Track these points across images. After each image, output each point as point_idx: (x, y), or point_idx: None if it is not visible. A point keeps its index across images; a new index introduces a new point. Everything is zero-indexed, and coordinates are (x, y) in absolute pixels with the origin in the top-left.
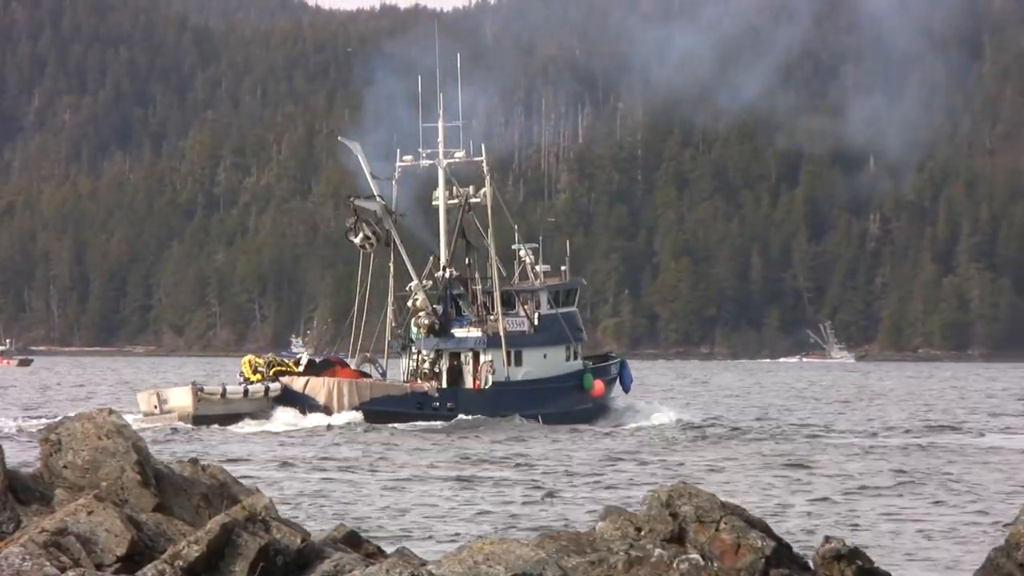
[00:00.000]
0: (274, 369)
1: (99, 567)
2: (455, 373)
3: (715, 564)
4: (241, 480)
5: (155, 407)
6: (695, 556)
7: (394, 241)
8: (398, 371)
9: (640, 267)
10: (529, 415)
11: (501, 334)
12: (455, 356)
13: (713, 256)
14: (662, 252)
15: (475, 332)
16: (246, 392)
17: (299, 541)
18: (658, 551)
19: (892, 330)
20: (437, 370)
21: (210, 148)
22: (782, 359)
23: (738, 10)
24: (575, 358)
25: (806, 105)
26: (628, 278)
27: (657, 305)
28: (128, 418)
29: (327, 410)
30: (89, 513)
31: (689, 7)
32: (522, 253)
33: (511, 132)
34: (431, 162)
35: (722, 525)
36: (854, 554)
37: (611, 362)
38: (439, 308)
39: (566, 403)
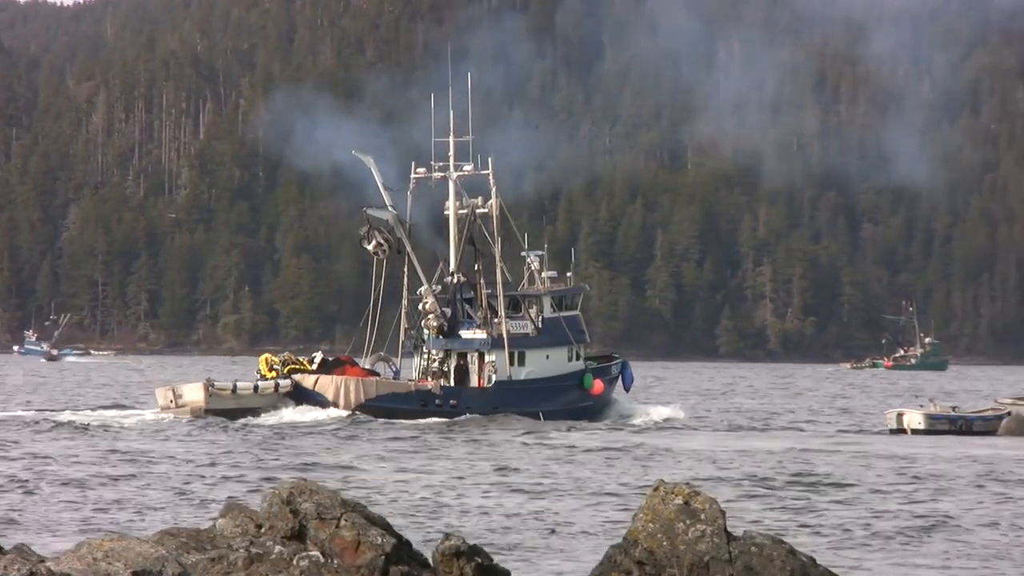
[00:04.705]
0: (288, 367)
1: None
2: (462, 372)
3: (335, 561)
4: None
5: (171, 401)
6: (315, 553)
7: (406, 248)
8: (412, 370)
9: (261, 264)
10: (529, 412)
11: (504, 336)
12: (462, 356)
13: (335, 253)
14: (283, 249)
15: (480, 334)
16: (256, 388)
17: None
18: (278, 548)
19: None
20: (446, 369)
21: None
22: None
23: None
24: (577, 359)
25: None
26: (249, 275)
27: (278, 302)
28: (147, 412)
29: (335, 406)
30: None
31: None
32: (530, 260)
33: (132, 127)
34: (442, 175)
35: (342, 522)
36: (473, 551)
37: (612, 363)
38: (448, 311)
39: (565, 401)
